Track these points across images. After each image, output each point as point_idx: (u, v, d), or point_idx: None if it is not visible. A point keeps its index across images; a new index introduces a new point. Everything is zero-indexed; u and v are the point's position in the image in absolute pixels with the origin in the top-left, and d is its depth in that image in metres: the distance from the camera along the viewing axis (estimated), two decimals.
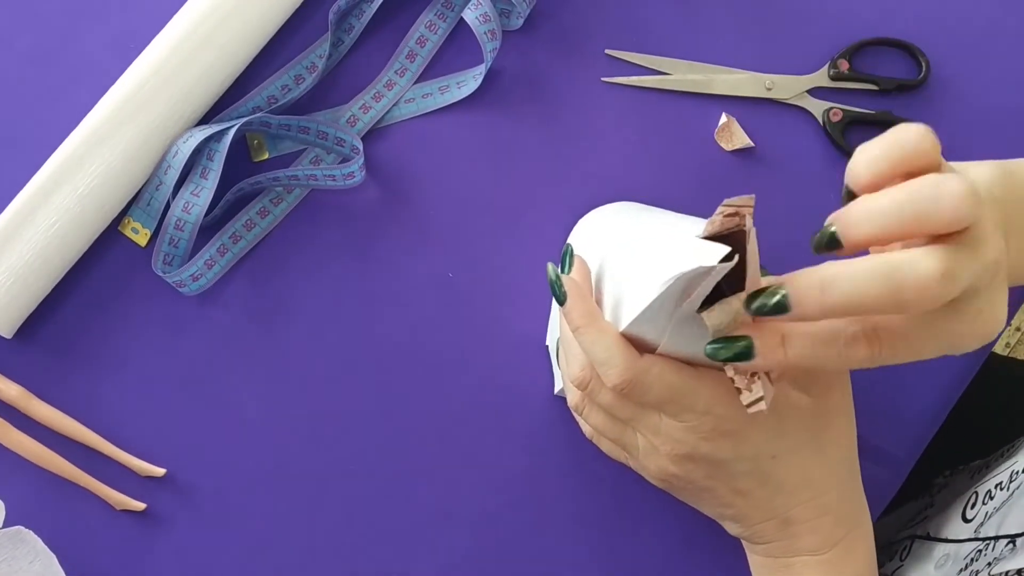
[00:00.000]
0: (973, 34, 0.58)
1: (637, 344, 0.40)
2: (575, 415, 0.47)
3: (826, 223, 0.34)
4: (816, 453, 0.42)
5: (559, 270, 0.43)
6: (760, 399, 0.36)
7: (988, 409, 0.67)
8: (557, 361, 0.48)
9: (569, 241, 0.53)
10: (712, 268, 0.34)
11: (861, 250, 0.34)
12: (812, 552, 0.43)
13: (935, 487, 0.65)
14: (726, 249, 0.34)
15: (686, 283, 0.35)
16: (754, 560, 0.47)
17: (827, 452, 0.43)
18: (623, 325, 0.39)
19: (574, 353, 0.43)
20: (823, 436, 0.43)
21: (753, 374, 0.37)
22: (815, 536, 0.43)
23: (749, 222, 0.35)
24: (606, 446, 0.47)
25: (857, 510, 0.45)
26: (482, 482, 0.54)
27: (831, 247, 0.34)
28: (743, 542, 0.47)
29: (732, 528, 0.46)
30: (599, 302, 0.43)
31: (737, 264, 0.34)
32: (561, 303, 0.42)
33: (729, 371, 0.37)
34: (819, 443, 0.42)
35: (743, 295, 0.35)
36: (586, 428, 0.47)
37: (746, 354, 0.36)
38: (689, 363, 0.40)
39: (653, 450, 0.43)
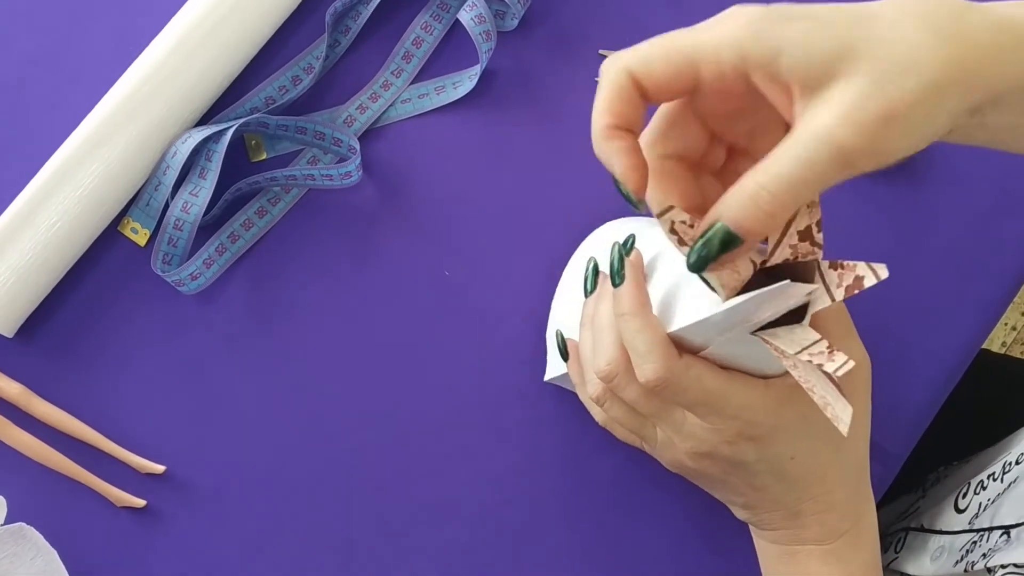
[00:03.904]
0: None
1: (678, 344, 0.40)
2: (587, 403, 0.47)
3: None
4: (833, 453, 0.43)
5: (623, 249, 0.42)
6: (847, 362, 0.35)
7: (982, 406, 0.67)
8: (560, 349, 0.48)
9: (588, 241, 0.53)
10: (792, 294, 0.34)
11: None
12: (817, 542, 0.44)
13: (928, 482, 0.65)
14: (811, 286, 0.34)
15: (757, 305, 0.35)
16: (760, 544, 0.47)
17: (842, 452, 0.43)
18: (673, 327, 0.39)
19: (605, 344, 0.42)
20: (840, 438, 0.43)
21: (830, 349, 0.36)
22: (821, 528, 0.44)
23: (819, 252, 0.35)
24: (620, 433, 0.47)
25: (863, 505, 0.45)
26: (480, 477, 0.54)
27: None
28: (752, 530, 0.48)
29: (740, 513, 0.46)
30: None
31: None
32: (616, 284, 0.41)
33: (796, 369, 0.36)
34: (835, 444, 0.43)
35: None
36: (600, 416, 0.47)
37: None
38: (723, 367, 0.40)
39: (671, 444, 0.43)
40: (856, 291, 0.35)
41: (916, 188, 0.57)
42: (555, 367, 0.53)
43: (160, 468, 0.53)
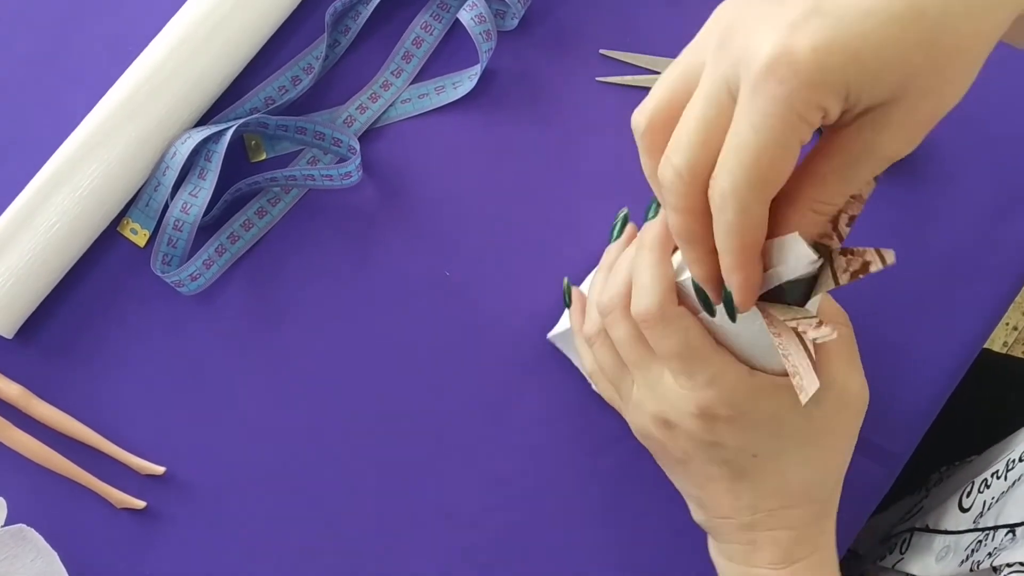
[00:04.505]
0: None
1: (683, 299, 0.40)
2: (581, 347, 0.47)
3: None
4: (799, 466, 0.42)
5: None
6: (831, 333, 0.35)
7: (984, 406, 0.67)
8: (565, 294, 0.49)
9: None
10: (799, 252, 0.34)
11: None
12: (771, 566, 0.42)
13: (931, 482, 0.65)
14: (817, 259, 0.35)
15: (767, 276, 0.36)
16: (718, 562, 0.46)
17: (811, 467, 0.42)
18: (683, 276, 0.40)
19: (614, 282, 0.42)
20: (812, 451, 0.42)
21: (819, 321, 0.36)
22: (775, 548, 0.42)
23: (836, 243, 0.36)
24: (602, 387, 0.46)
25: (823, 539, 0.44)
26: (480, 477, 0.54)
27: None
28: (709, 544, 0.47)
29: (696, 514, 0.45)
30: None
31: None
32: (648, 217, 0.42)
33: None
34: (805, 457, 0.42)
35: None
36: (588, 362, 0.47)
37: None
38: (717, 339, 0.40)
39: (642, 405, 0.42)
40: (861, 276, 0.35)
41: (917, 187, 0.57)
42: (563, 323, 0.53)
43: (160, 469, 0.53)
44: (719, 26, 0.32)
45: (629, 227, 0.47)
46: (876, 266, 0.34)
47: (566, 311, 0.53)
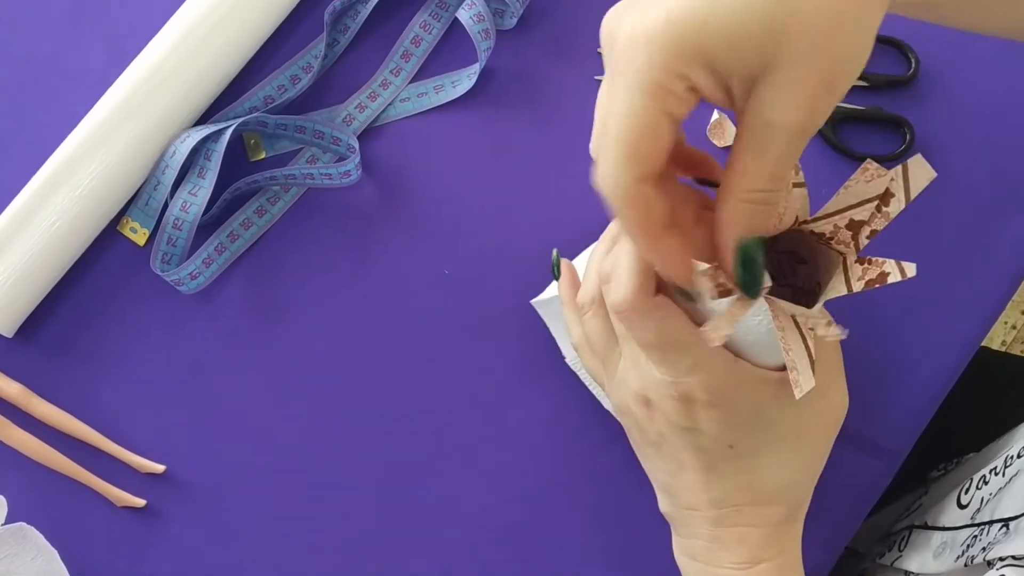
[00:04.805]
0: (962, 31, 0.58)
1: (665, 287, 0.39)
2: (570, 318, 0.46)
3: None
4: (774, 465, 0.41)
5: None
6: (841, 333, 0.35)
7: (983, 404, 0.67)
8: (553, 265, 0.49)
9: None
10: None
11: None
12: (734, 565, 0.42)
13: (930, 480, 0.65)
14: None
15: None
16: (681, 560, 0.45)
17: (785, 468, 0.42)
18: None
19: (618, 255, 0.41)
20: (788, 453, 0.41)
21: (830, 323, 0.36)
22: (741, 547, 0.41)
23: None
24: (587, 360, 0.46)
25: (791, 541, 0.43)
26: (480, 475, 0.54)
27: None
28: (674, 542, 0.46)
29: (663, 504, 0.45)
30: None
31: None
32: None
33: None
34: (781, 457, 0.41)
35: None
36: (576, 334, 0.46)
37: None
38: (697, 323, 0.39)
39: (624, 382, 0.42)
40: (878, 285, 0.35)
41: None
42: (550, 291, 0.53)
43: (160, 467, 0.53)
44: (603, 37, 0.34)
45: None
46: (895, 277, 0.34)
47: (551, 285, 0.53)
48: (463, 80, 0.57)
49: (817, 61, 0.31)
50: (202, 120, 0.55)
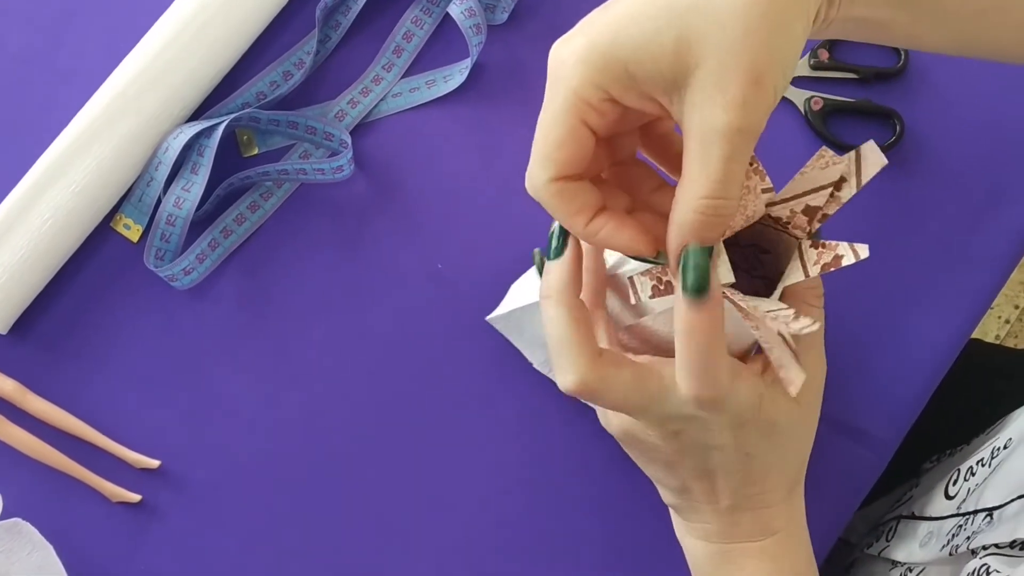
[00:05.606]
0: None
1: (618, 289, 0.40)
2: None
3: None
4: (784, 457, 0.42)
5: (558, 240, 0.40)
6: (812, 324, 0.35)
7: (976, 396, 0.68)
8: (537, 265, 0.49)
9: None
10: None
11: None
12: (750, 538, 0.43)
13: (922, 472, 0.66)
14: None
15: None
16: (688, 543, 0.45)
17: (791, 455, 0.43)
18: (621, 269, 0.40)
19: (549, 336, 0.41)
20: (794, 443, 0.42)
21: (796, 313, 0.36)
22: (755, 524, 0.43)
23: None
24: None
25: (796, 506, 0.44)
26: (474, 471, 0.55)
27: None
28: (675, 528, 0.46)
29: (669, 497, 0.45)
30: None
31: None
32: (550, 257, 0.39)
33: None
34: (788, 448, 0.42)
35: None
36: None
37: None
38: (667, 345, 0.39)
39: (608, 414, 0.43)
40: (833, 268, 0.35)
41: (905, 177, 0.57)
42: (506, 305, 0.53)
43: (155, 463, 0.54)
44: (548, 65, 0.36)
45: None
46: (848, 260, 0.34)
47: (507, 295, 0.53)
48: (455, 75, 0.57)
49: (737, 59, 0.31)
50: (195, 116, 0.56)
